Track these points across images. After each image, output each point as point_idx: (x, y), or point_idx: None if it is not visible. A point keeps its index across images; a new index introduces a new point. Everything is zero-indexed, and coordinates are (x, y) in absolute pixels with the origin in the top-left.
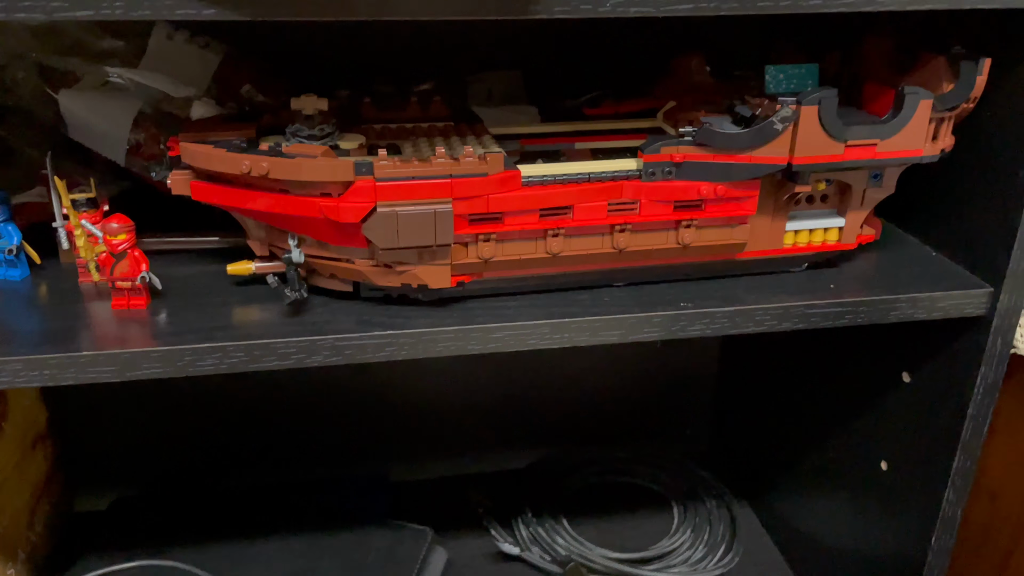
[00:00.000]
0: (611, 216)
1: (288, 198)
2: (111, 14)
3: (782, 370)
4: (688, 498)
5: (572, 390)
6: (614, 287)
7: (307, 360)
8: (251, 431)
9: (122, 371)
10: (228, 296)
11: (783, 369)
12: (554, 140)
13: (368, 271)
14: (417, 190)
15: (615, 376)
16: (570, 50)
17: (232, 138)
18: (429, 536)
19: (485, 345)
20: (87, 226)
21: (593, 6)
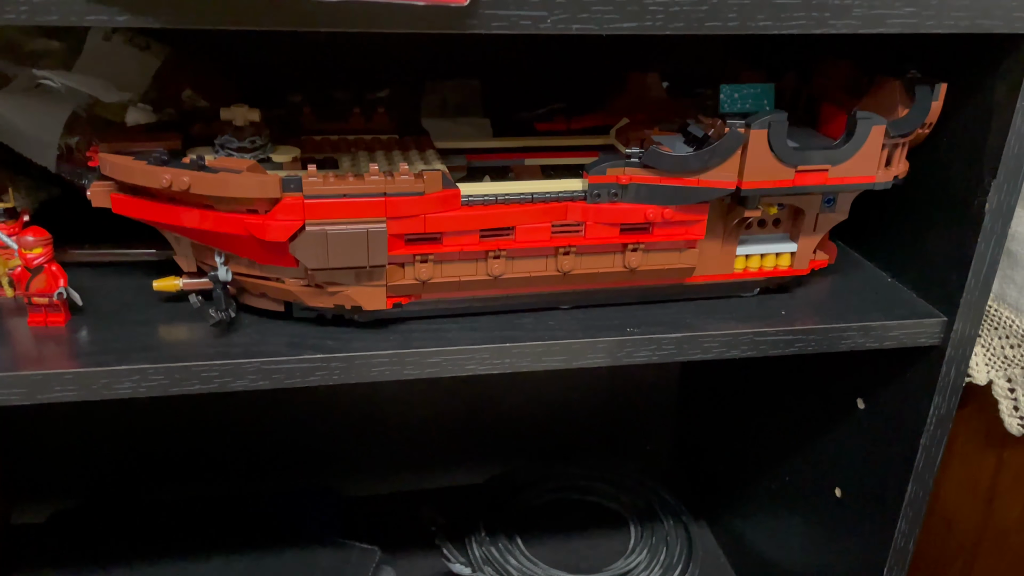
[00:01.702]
0: (555, 238)
1: (213, 214)
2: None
3: (742, 391)
4: (646, 517)
5: (530, 405)
6: (559, 310)
7: (231, 384)
8: (195, 442)
9: (32, 394)
10: (154, 314)
11: (743, 390)
12: (503, 156)
13: (299, 291)
14: (349, 208)
15: (574, 391)
16: (530, 61)
17: (157, 148)
18: (377, 555)
19: (422, 370)
20: (2, 238)
21: (533, 22)
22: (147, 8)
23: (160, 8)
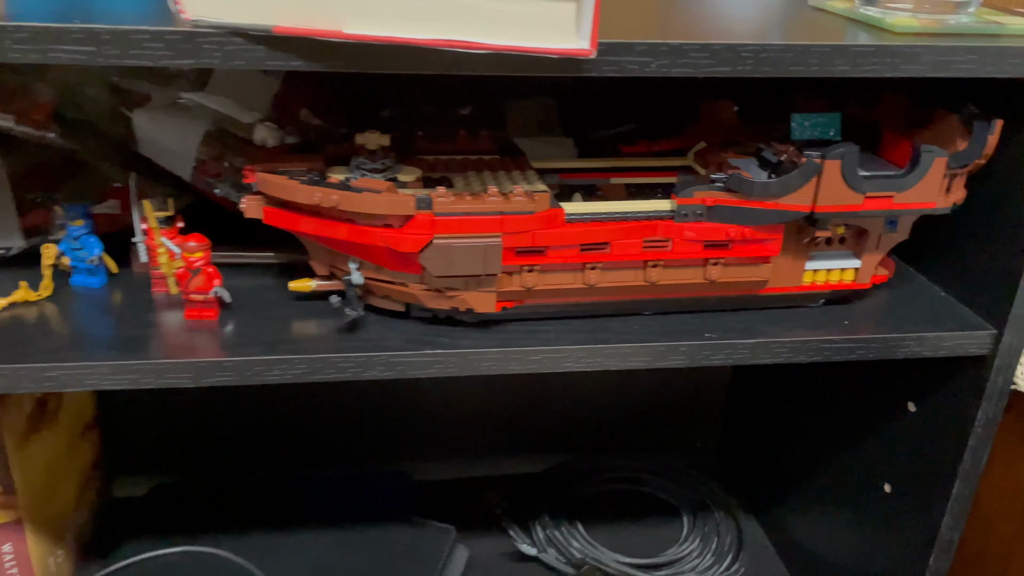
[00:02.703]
0: (645, 252)
1: (353, 227)
2: (211, 62)
3: (792, 390)
4: (696, 508)
5: (587, 399)
6: (642, 315)
7: (363, 374)
8: (282, 427)
9: (197, 378)
10: (288, 310)
11: (793, 389)
12: (592, 175)
13: (420, 294)
14: (471, 224)
15: (630, 387)
16: (601, 82)
17: (302, 168)
18: (453, 534)
19: (524, 366)
20: (168, 244)
21: (639, 67)
22: (313, 55)
23: (323, 55)
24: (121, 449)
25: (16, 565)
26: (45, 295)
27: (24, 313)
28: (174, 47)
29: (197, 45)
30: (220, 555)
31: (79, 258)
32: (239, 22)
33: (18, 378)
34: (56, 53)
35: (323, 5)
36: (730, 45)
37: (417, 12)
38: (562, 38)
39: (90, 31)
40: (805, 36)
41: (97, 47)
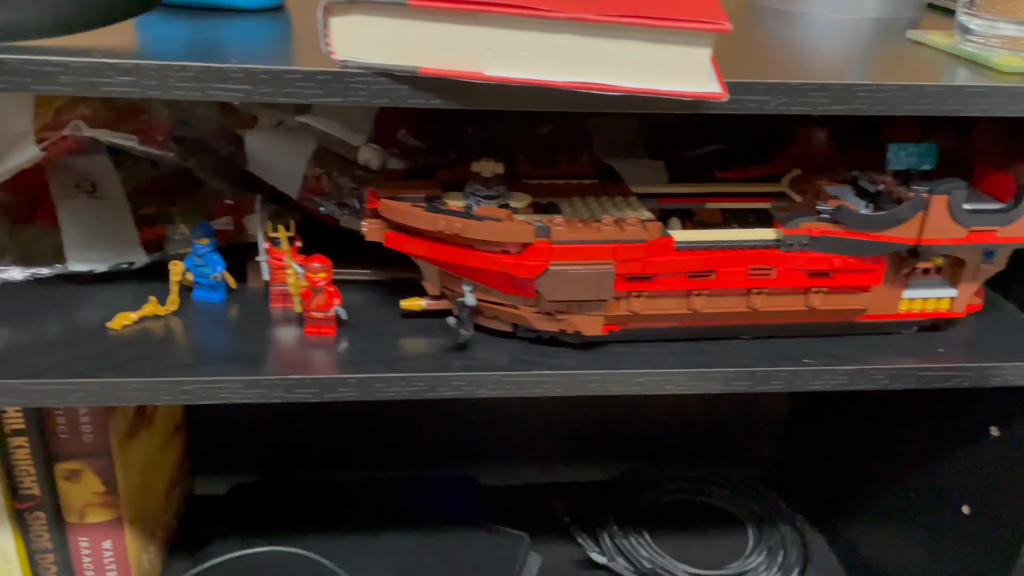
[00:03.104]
0: (750, 280)
1: (471, 252)
2: (356, 100)
3: (862, 405)
4: (762, 521)
5: (650, 408)
6: (740, 339)
7: (475, 392)
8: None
9: (322, 393)
10: (398, 328)
11: (863, 404)
12: (688, 200)
13: (530, 316)
14: (585, 252)
15: (693, 397)
16: None
17: (420, 194)
18: (526, 541)
19: (628, 388)
20: (295, 267)
21: (759, 104)
22: (453, 95)
23: (462, 95)
24: (201, 448)
25: (114, 562)
26: (172, 310)
27: (153, 327)
28: (324, 86)
29: (346, 84)
30: (307, 556)
31: (202, 274)
32: (386, 63)
33: (157, 391)
34: (215, 91)
35: (466, 49)
36: (847, 85)
37: (555, 56)
38: (696, 81)
39: (248, 71)
40: (911, 73)
41: (254, 86)
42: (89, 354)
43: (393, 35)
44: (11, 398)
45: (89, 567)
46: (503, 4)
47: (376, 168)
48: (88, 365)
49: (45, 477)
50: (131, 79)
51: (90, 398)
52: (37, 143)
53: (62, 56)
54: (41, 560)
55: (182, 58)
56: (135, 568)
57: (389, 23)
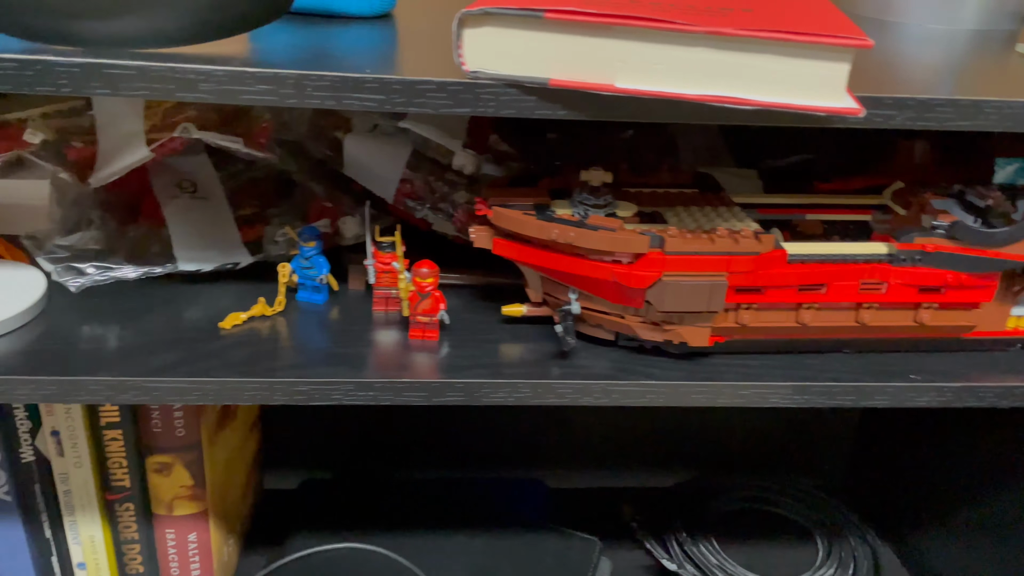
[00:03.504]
0: (860, 295)
1: (582, 261)
2: (485, 110)
3: (935, 417)
4: (831, 533)
5: (719, 417)
6: (842, 353)
7: (579, 400)
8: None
9: (430, 397)
10: (498, 333)
11: (936, 416)
12: (788, 211)
13: (636, 326)
14: (699, 263)
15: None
16: None
17: (528, 202)
18: (598, 546)
19: (732, 400)
20: (406, 274)
21: (884, 119)
22: (581, 106)
23: (590, 106)
24: (272, 443)
25: (198, 554)
26: (279, 310)
27: (261, 327)
28: (455, 97)
29: (476, 95)
30: (384, 554)
31: (308, 276)
32: (516, 74)
33: (273, 391)
34: (349, 100)
35: (598, 61)
36: (975, 101)
37: (690, 69)
38: (833, 96)
39: (383, 81)
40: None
41: (386, 96)
42: (204, 353)
43: (526, 47)
44: (133, 395)
45: (174, 559)
46: (642, 18)
47: (470, 173)
48: (205, 364)
49: (137, 470)
50: (270, 87)
51: (208, 397)
52: (147, 144)
53: (205, 64)
54: (128, 550)
55: (316, 64)
56: (217, 560)
57: (523, 35)
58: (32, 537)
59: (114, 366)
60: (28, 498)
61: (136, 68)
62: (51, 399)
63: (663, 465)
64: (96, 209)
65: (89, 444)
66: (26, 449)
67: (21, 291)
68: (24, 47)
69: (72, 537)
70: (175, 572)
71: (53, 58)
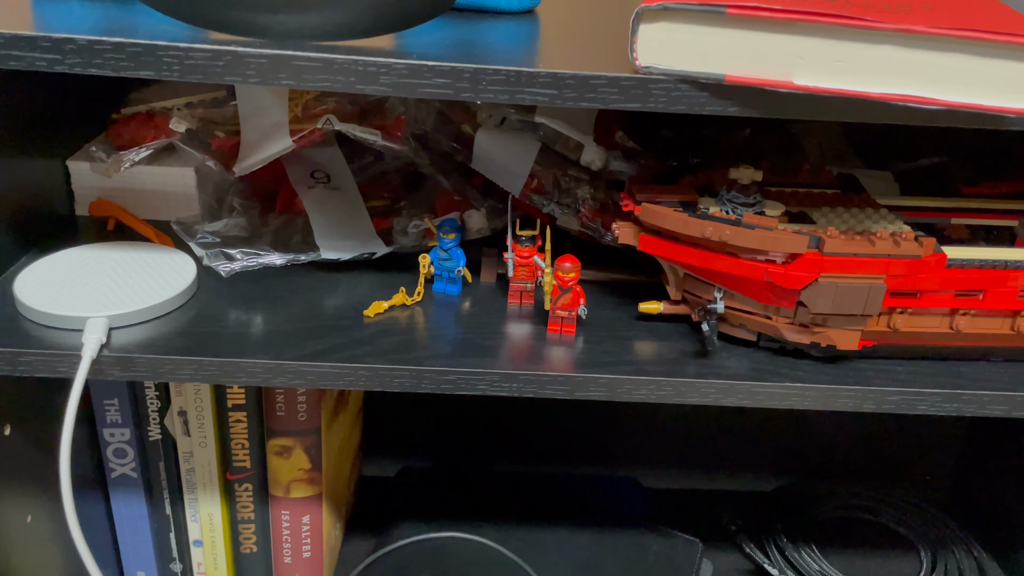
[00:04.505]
0: (1019, 302)
1: (734, 260)
2: (655, 106)
3: None
4: (935, 544)
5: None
6: (990, 361)
7: (722, 400)
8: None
9: (572, 391)
10: (634, 330)
11: None
12: (933, 214)
13: (783, 327)
14: (857, 265)
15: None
16: None
17: (675, 199)
18: (700, 548)
19: (880, 405)
20: (547, 270)
21: None
22: (754, 103)
23: (764, 103)
24: (373, 431)
25: (310, 536)
26: (418, 300)
27: (401, 316)
28: (626, 92)
29: (647, 90)
30: (488, 544)
31: (445, 268)
32: (690, 70)
33: (421, 379)
34: (523, 95)
35: (777, 57)
36: None
37: (873, 67)
38: (1022, 97)
39: (556, 76)
40: None
41: (559, 90)
42: (353, 340)
43: (702, 42)
44: (289, 378)
45: (287, 540)
46: (827, 14)
47: (598, 169)
48: (356, 351)
49: (258, 451)
50: (447, 81)
51: (360, 382)
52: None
53: (385, 58)
54: (243, 530)
55: (489, 58)
56: (327, 543)
57: (701, 30)
58: (153, 513)
59: (269, 349)
60: (152, 475)
61: (321, 60)
62: (212, 379)
63: (763, 468)
64: (238, 197)
65: (214, 425)
66: (154, 428)
67: (174, 275)
68: (206, 37)
69: (191, 515)
70: (287, 552)
71: (243, 49)
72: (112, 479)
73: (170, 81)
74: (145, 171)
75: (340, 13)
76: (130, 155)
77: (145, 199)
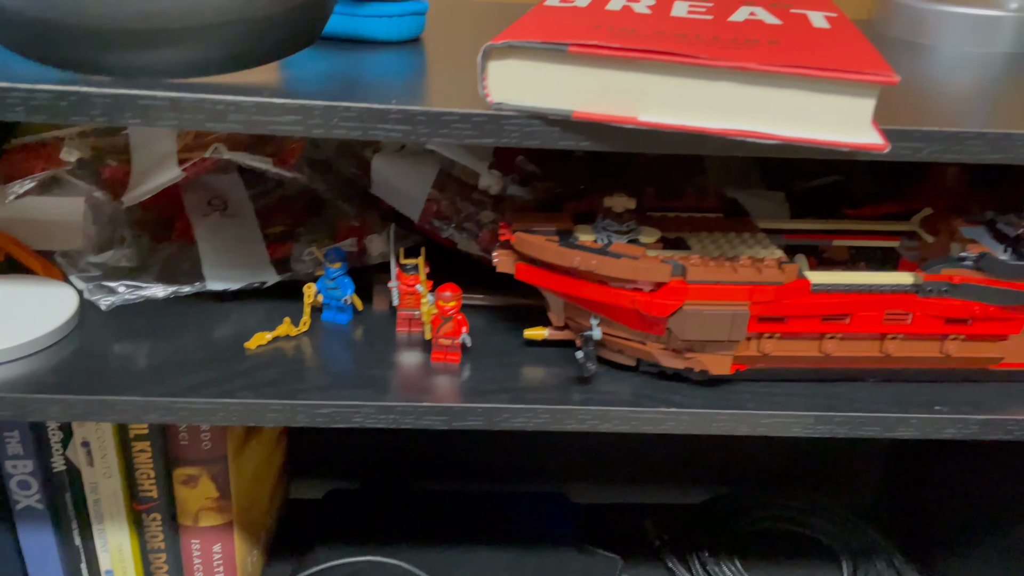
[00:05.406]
0: (885, 325)
1: (603, 288)
2: (509, 141)
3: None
4: (857, 555)
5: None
6: (867, 382)
7: (599, 426)
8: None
9: (450, 421)
10: (519, 356)
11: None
12: (814, 236)
13: (657, 353)
14: (721, 293)
15: None
16: None
17: (551, 227)
18: (619, 565)
19: (754, 428)
20: (429, 297)
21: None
22: (603, 137)
23: (612, 138)
24: (299, 453)
25: (223, 564)
26: (303, 330)
27: (286, 347)
28: (479, 127)
29: (500, 126)
30: (407, 568)
31: (333, 297)
32: (540, 106)
33: (295, 413)
34: (375, 132)
35: (621, 94)
36: (1007, 134)
37: (712, 103)
38: (857, 131)
39: (408, 112)
40: None
41: (412, 126)
42: (229, 374)
43: (550, 79)
44: (160, 414)
45: (199, 568)
46: (664, 52)
47: (496, 193)
48: (230, 385)
49: (164, 481)
50: (297, 118)
51: (232, 418)
52: (179, 164)
53: (234, 95)
54: (154, 559)
55: (343, 94)
56: (240, 571)
57: (547, 68)
58: (62, 544)
59: (142, 386)
60: (59, 506)
61: (168, 99)
62: (80, 418)
63: (691, 482)
64: (129, 227)
65: (118, 455)
66: (57, 459)
67: (54, 308)
68: (60, 77)
69: (101, 545)
70: None
71: (88, 89)
72: (18, 511)
73: None
74: (36, 201)
75: (188, 51)
76: (14, 187)
77: (37, 230)
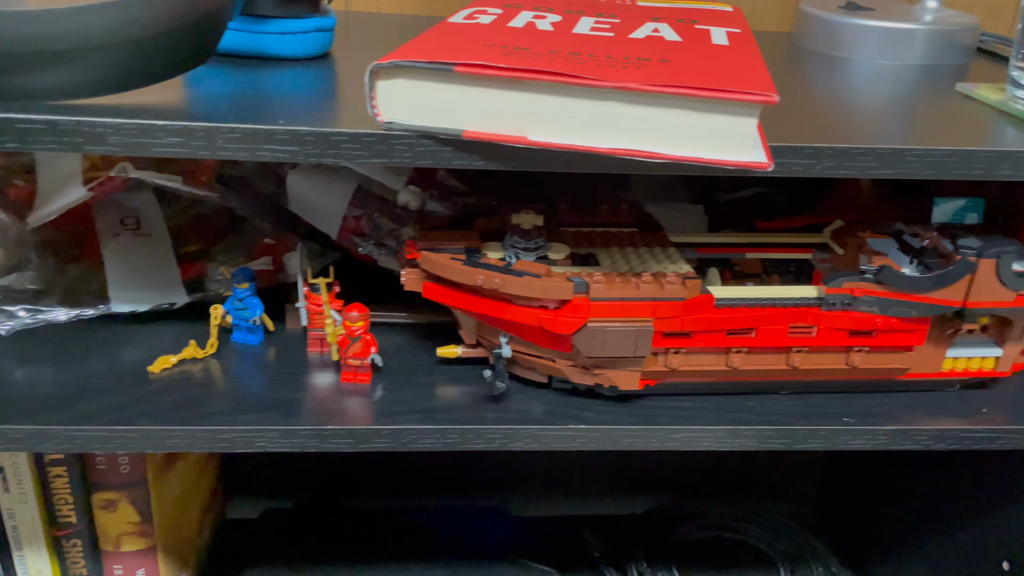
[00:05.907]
0: (790, 338)
1: (509, 306)
2: (400, 161)
3: (904, 452)
4: (795, 562)
5: None
6: (779, 395)
7: (509, 445)
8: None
9: (356, 444)
10: (433, 375)
11: (906, 451)
12: (728, 249)
13: (567, 370)
14: (624, 309)
15: None
16: None
17: (459, 245)
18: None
19: (664, 443)
20: (335, 316)
21: (804, 168)
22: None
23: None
24: (233, 472)
25: None
26: (211, 352)
27: (193, 370)
28: (369, 147)
29: (390, 146)
30: None
31: (242, 317)
32: (430, 125)
33: (195, 439)
34: (262, 152)
35: (510, 113)
36: (895, 150)
37: (600, 123)
38: (742, 150)
39: (295, 133)
40: (962, 135)
41: (300, 147)
42: (131, 399)
43: (438, 99)
44: (54, 444)
45: None
46: (549, 72)
47: (415, 209)
48: (130, 411)
49: (83, 506)
50: (181, 140)
51: (130, 445)
52: (84, 183)
53: (113, 118)
54: None
55: (230, 115)
56: None
57: (435, 87)
58: None
59: (39, 412)
60: None
61: (45, 122)
62: None
63: (630, 492)
64: (35, 249)
65: (34, 481)
66: None
67: None
68: None
69: (21, 572)
70: None
71: None
72: None
73: None
74: None
75: (69, 73)
76: None
77: None
